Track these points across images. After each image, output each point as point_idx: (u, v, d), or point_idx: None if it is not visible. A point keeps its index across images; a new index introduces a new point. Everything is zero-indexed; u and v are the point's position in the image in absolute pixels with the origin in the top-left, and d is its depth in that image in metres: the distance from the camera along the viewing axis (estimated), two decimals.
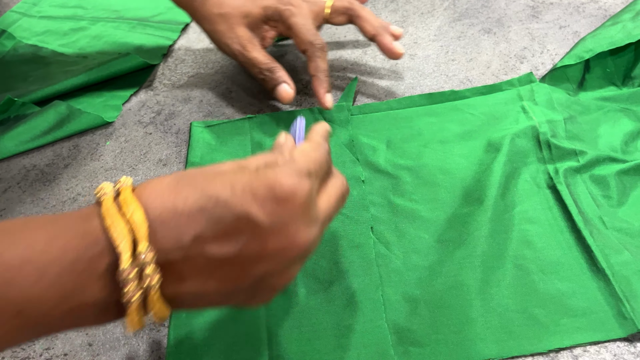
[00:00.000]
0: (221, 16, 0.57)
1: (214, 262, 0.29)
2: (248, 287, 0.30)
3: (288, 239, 0.29)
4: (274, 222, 0.29)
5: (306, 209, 0.30)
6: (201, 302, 0.31)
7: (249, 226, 0.29)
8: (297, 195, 0.29)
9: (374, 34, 0.57)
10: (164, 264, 0.28)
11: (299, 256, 0.31)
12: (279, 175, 0.30)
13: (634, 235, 0.43)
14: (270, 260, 0.30)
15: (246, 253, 0.29)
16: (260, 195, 0.29)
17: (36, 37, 0.72)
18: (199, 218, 0.28)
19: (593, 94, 0.55)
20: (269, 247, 0.29)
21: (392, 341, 0.39)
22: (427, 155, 0.51)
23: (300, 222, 0.30)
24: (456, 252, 0.43)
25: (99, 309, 0.28)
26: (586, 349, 0.38)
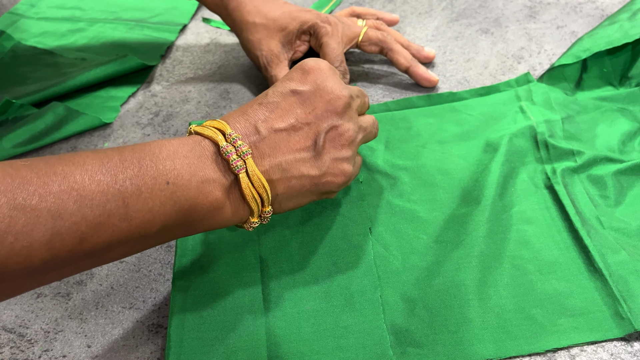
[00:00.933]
0: (256, 25, 0.58)
1: (285, 135, 0.38)
2: (321, 149, 0.39)
3: (329, 92, 0.40)
4: (312, 85, 0.40)
5: (332, 73, 0.41)
6: (292, 180, 0.38)
7: (298, 98, 0.39)
8: (321, 65, 0.41)
9: (407, 66, 0.59)
10: (250, 145, 0.37)
11: (345, 109, 0.40)
12: (305, 60, 0.41)
13: (631, 235, 0.43)
14: (325, 117, 0.39)
15: (304, 119, 0.39)
16: (294, 75, 0.41)
17: (34, 39, 0.72)
18: (260, 109, 0.39)
19: (590, 93, 0.55)
20: (318, 105, 0.39)
21: (391, 342, 0.39)
22: (426, 155, 0.51)
23: (332, 81, 0.40)
24: (454, 253, 0.43)
25: (223, 188, 0.36)
26: (583, 348, 0.38)
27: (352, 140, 0.40)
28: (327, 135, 0.39)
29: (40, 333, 0.42)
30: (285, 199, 0.39)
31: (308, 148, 0.38)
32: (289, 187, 0.38)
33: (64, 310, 0.43)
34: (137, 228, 0.32)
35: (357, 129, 0.41)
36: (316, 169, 0.39)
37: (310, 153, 0.39)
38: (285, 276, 0.43)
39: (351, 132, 0.40)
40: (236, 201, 0.37)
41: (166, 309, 0.43)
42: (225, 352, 0.39)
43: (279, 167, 0.38)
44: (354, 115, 0.41)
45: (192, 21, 0.73)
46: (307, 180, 0.39)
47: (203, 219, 0.36)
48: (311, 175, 0.39)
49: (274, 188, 0.38)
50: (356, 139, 0.41)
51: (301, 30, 0.58)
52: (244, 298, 0.42)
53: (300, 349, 0.39)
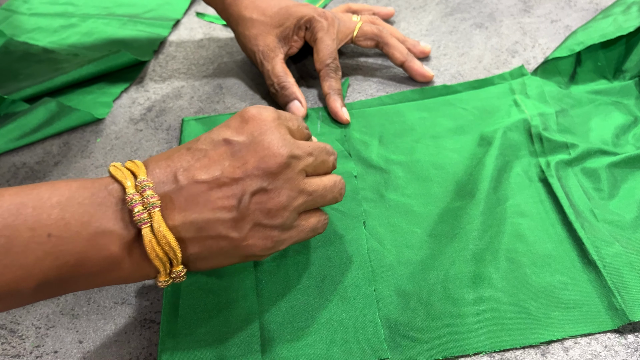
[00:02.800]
0: (253, 21, 0.58)
1: (205, 188, 0.33)
2: (243, 212, 0.33)
3: (265, 148, 0.34)
4: (248, 137, 0.34)
5: (276, 126, 0.35)
6: (207, 240, 0.34)
7: (228, 149, 0.34)
8: (263, 115, 0.35)
9: (403, 61, 0.58)
10: (163, 196, 0.33)
11: (280, 169, 0.34)
12: (247, 108, 0.36)
13: (624, 227, 0.43)
14: (254, 175, 0.34)
15: (231, 173, 0.33)
16: (232, 123, 0.36)
17: (26, 35, 0.71)
18: (186, 154, 0.34)
19: (584, 87, 0.55)
20: (249, 161, 0.34)
21: (385, 335, 0.39)
22: (420, 150, 0.51)
23: (273, 135, 0.34)
24: (448, 246, 0.43)
25: (121, 243, 0.32)
26: (577, 340, 0.38)
27: (283, 206, 0.35)
28: (254, 197, 0.34)
29: (31, 329, 0.42)
30: (201, 259, 0.35)
31: (230, 207, 0.33)
32: (204, 248, 0.34)
33: (55, 306, 0.43)
34: (6, 285, 0.29)
35: (294, 194, 0.35)
36: (236, 231, 0.34)
37: (232, 213, 0.33)
38: (279, 270, 0.43)
39: (283, 199, 0.34)
40: (138, 258, 0.33)
41: (158, 304, 0.43)
42: (218, 348, 0.39)
43: (194, 224, 0.33)
44: (294, 178, 0.35)
45: (185, 16, 0.73)
46: (226, 242, 0.34)
47: (95, 275, 0.32)
48: (230, 237, 0.34)
49: (186, 247, 0.33)
50: (290, 206, 0.35)
51: (298, 25, 0.57)
52: (237, 293, 0.42)
53: (294, 343, 0.39)
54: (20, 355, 0.40)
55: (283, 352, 0.39)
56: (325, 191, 0.37)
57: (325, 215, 0.39)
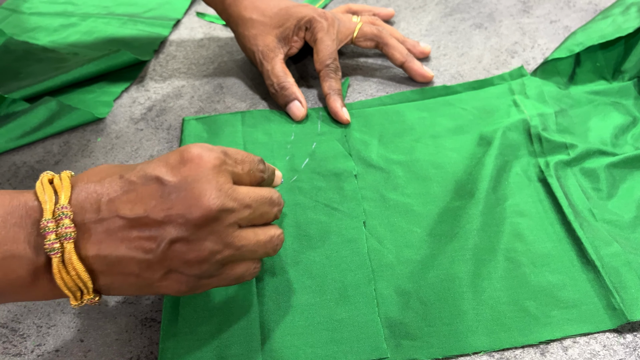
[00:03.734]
0: (253, 21, 0.58)
1: (126, 224, 0.32)
2: (160, 256, 0.32)
3: (194, 197, 0.32)
4: (180, 182, 0.32)
5: (214, 174, 0.33)
6: (119, 275, 0.33)
7: (159, 188, 0.32)
8: (203, 159, 0.33)
9: (403, 61, 0.58)
10: (81, 224, 0.31)
11: (207, 222, 0.32)
12: (189, 147, 0.34)
13: (623, 227, 0.43)
14: (177, 223, 0.32)
15: (155, 215, 0.32)
16: (170, 161, 0.33)
17: (27, 34, 0.71)
18: (115, 184, 0.33)
19: (583, 87, 0.55)
20: (175, 207, 0.32)
21: (385, 334, 0.39)
22: (419, 149, 0.51)
23: (208, 184, 0.32)
24: (448, 246, 0.43)
25: (30, 268, 0.31)
26: (576, 340, 0.38)
27: (203, 259, 0.33)
28: (174, 244, 0.32)
29: (32, 328, 0.42)
30: (112, 289, 0.34)
31: (147, 249, 0.32)
32: (115, 281, 0.33)
33: (56, 304, 0.43)
34: None
35: (218, 247, 0.33)
36: (150, 273, 0.33)
37: (148, 255, 0.32)
38: (279, 270, 0.43)
39: (204, 252, 0.32)
40: (47, 284, 0.32)
41: (159, 303, 0.43)
42: (219, 346, 0.39)
43: (106, 259, 0.32)
44: (222, 231, 0.33)
45: (186, 16, 0.73)
46: (138, 280, 0.33)
47: (4, 295, 0.32)
48: (143, 277, 0.33)
49: (97, 278, 0.33)
50: (212, 259, 0.33)
51: (298, 25, 0.57)
52: (237, 292, 0.42)
53: (294, 342, 0.39)
54: (21, 354, 0.40)
55: (283, 351, 0.39)
56: (257, 246, 0.35)
57: (257, 265, 0.37)
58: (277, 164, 0.51)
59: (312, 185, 0.49)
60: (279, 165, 0.51)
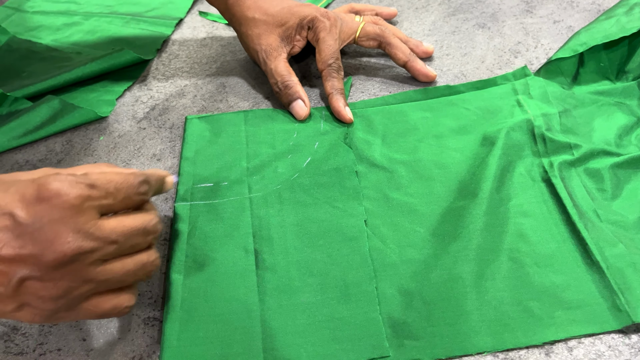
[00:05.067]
0: (255, 20, 0.58)
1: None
2: (11, 292, 0.31)
3: (46, 241, 0.30)
4: (34, 222, 0.30)
5: (72, 214, 0.31)
6: None
7: (11, 225, 0.30)
8: (62, 197, 0.31)
9: (406, 61, 0.58)
10: None
11: (62, 265, 0.30)
12: (50, 179, 0.31)
13: (627, 228, 0.43)
14: (29, 263, 0.30)
15: (5, 251, 0.30)
16: (27, 196, 0.31)
17: (29, 33, 0.71)
18: None
19: (587, 87, 0.55)
20: (27, 247, 0.30)
21: (388, 334, 0.39)
22: (423, 149, 0.51)
23: (61, 226, 0.30)
24: (451, 246, 0.43)
25: None
26: (581, 340, 0.38)
27: (59, 297, 0.32)
28: (25, 282, 0.31)
29: (34, 327, 0.42)
30: None
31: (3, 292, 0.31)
32: None
33: None
34: None
35: (76, 284, 0.32)
36: (1, 305, 0.31)
37: (7, 300, 0.31)
38: (281, 268, 0.43)
39: (59, 291, 0.31)
40: None
41: (161, 302, 0.43)
42: (220, 345, 0.39)
43: None
44: (80, 270, 0.32)
45: (189, 15, 0.73)
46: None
47: None
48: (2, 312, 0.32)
49: None
50: (70, 295, 0.32)
51: (300, 25, 0.57)
52: (239, 290, 0.42)
53: (296, 340, 0.39)
54: (23, 353, 0.40)
55: (285, 350, 0.39)
56: (127, 275, 0.34)
57: (127, 304, 0.35)
58: (279, 162, 0.51)
59: (313, 182, 0.49)
60: (280, 164, 0.50)
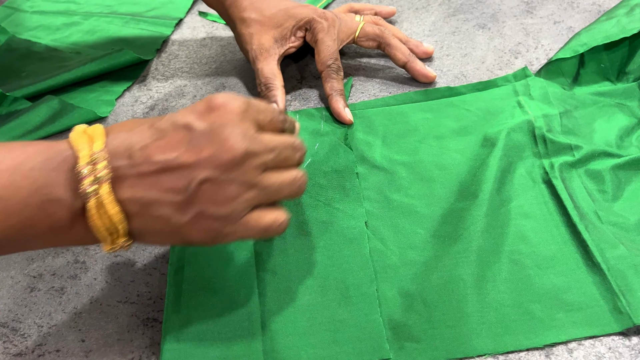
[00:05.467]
0: (251, 20, 0.58)
1: (158, 169, 0.33)
2: (190, 198, 0.34)
3: (222, 140, 0.34)
4: (208, 126, 0.34)
5: (239, 120, 0.35)
6: (151, 218, 0.34)
7: (188, 134, 0.34)
8: (229, 106, 0.35)
9: (405, 62, 0.58)
10: (115, 169, 0.33)
11: (234, 164, 0.34)
12: (214, 95, 0.36)
13: (629, 229, 0.43)
14: (207, 165, 0.34)
15: (185, 158, 0.33)
16: (198, 108, 0.35)
17: (29, 32, 0.71)
18: (146, 133, 0.34)
19: (588, 88, 0.55)
20: (204, 150, 0.34)
21: (388, 336, 0.39)
22: (423, 150, 0.51)
23: (234, 128, 0.34)
24: (452, 247, 0.43)
25: (68, 211, 0.33)
26: (581, 342, 0.38)
27: (231, 198, 0.34)
28: (203, 185, 0.34)
29: (33, 327, 0.42)
30: (144, 234, 0.35)
31: (178, 191, 0.34)
32: (147, 225, 0.34)
33: (57, 304, 0.43)
34: None
35: (245, 188, 0.35)
36: (180, 215, 0.34)
37: (179, 197, 0.34)
38: (281, 270, 0.43)
39: (232, 191, 0.34)
40: (84, 227, 0.34)
41: (161, 303, 0.42)
42: (220, 346, 0.39)
43: (140, 201, 0.34)
44: (248, 172, 0.35)
45: (188, 15, 0.73)
46: (166, 224, 0.34)
47: (43, 238, 0.33)
48: (172, 222, 0.34)
49: (131, 221, 0.34)
50: (239, 198, 0.35)
51: (297, 26, 0.57)
52: (239, 292, 0.42)
53: (296, 342, 0.39)
54: (22, 354, 0.40)
55: (285, 352, 0.38)
56: (282, 187, 0.37)
57: (284, 218, 0.37)
58: None
59: (313, 182, 0.49)
60: None
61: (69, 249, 0.46)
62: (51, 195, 0.32)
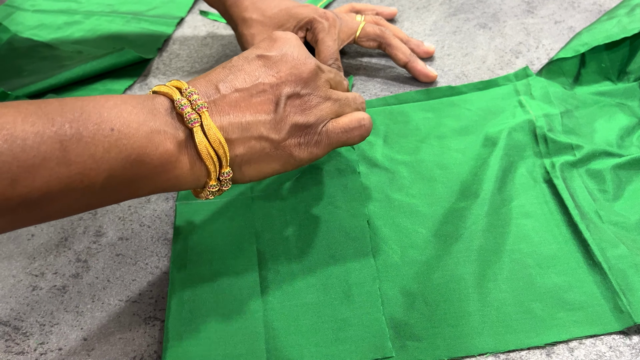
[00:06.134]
0: (253, 21, 0.58)
1: (245, 95, 0.37)
2: (281, 113, 0.38)
3: (295, 58, 0.39)
4: (278, 51, 0.39)
5: (301, 45, 0.40)
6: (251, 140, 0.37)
7: (262, 62, 0.39)
8: (289, 36, 0.41)
9: (406, 61, 0.58)
10: (208, 102, 0.36)
11: (310, 77, 0.39)
12: (273, 32, 0.41)
13: (629, 229, 0.43)
14: (288, 81, 0.38)
15: (268, 80, 0.38)
16: (262, 44, 0.40)
17: (30, 31, 0.71)
18: (223, 71, 0.39)
19: (589, 88, 0.55)
20: (282, 69, 0.39)
21: (390, 335, 0.39)
22: (424, 150, 0.51)
23: (300, 50, 0.40)
24: (453, 247, 0.43)
25: (174, 141, 0.35)
26: (582, 341, 0.38)
27: (315, 107, 0.39)
28: (289, 100, 0.38)
29: (35, 326, 0.42)
30: (245, 161, 0.38)
31: (269, 110, 0.38)
32: (249, 148, 0.37)
33: (59, 303, 0.43)
34: (78, 175, 0.31)
35: (323, 99, 0.40)
36: (276, 132, 0.38)
37: (271, 115, 0.38)
38: (283, 269, 0.43)
39: (314, 100, 0.39)
40: (191, 158, 0.35)
41: (163, 302, 0.43)
42: (223, 345, 0.39)
43: (239, 125, 0.37)
44: (321, 86, 0.40)
45: (189, 14, 0.73)
46: (267, 143, 0.38)
47: (154, 174, 0.34)
48: (271, 138, 0.38)
49: (233, 147, 0.37)
50: (321, 106, 0.40)
51: (298, 26, 0.57)
52: (241, 291, 0.42)
53: (299, 341, 0.39)
54: (24, 353, 0.40)
55: (288, 350, 0.39)
56: (349, 100, 0.42)
57: (369, 117, 0.42)
58: None
59: (315, 181, 0.49)
60: None
61: (70, 247, 0.46)
62: (156, 128, 0.34)
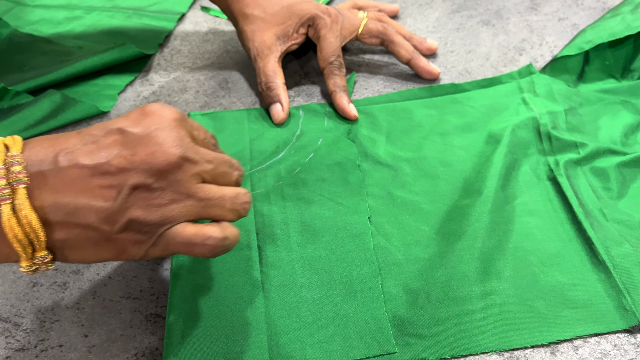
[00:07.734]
0: (254, 17, 0.57)
1: (86, 173, 0.31)
2: (120, 204, 0.31)
3: (157, 143, 0.32)
4: (143, 130, 0.32)
5: (174, 126, 0.33)
6: (76, 228, 0.31)
7: (121, 138, 0.32)
8: (164, 112, 0.34)
9: (409, 58, 0.58)
10: (37, 174, 0.31)
11: (169, 170, 0.32)
12: (149, 104, 0.34)
13: (634, 227, 0.43)
14: (140, 169, 0.32)
15: (117, 162, 0.31)
16: (131, 114, 0.34)
17: (30, 26, 0.70)
18: (74, 137, 0.32)
19: (593, 86, 0.55)
20: (137, 154, 0.32)
21: (393, 333, 0.39)
22: (427, 147, 0.51)
23: (169, 133, 0.33)
24: (456, 244, 0.43)
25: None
26: (586, 340, 0.37)
27: (163, 205, 0.32)
28: (135, 190, 0.31)
29: (36, 322, 0.42)
30: (68, 247, 0.32)
31: (109, 197, 0.31)
32: (71, 235, 0.32)
33: (60, 299, 0.43)
34: None
35: (180, 197, 0.33)
36: (109, 223, 0.31)
37: (108, 203, 0.31)
38: (285, 265, 0.43)
39: (167, 196, 0.32)
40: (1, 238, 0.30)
41: (164, 298, 0.42)
42: (224, 342, 0.39)
43: (64, 208, 0.31)
44: (184, 181, 0.33)
45: (191, 10, 0.73)
46: (96, 233, 0.32)
47: None
48: (101, 229, 0.32)
49: (52, 231, 0.31)
50: (172, 205, 0.32)
51: (300, 23, 0.57)
52: (243, 287, 0.42)
53: (301, 337, 0.39)
54: (25, 349, 0.40)
55: (290, 347, 0.38)
56: (224, 200, 0.34)
57: (218, 236, 0.34)
58: (282, 160, 0.50)
59: (316, 177, 0.48)
60: (283, 162, 0.50)
61: None
62: None
